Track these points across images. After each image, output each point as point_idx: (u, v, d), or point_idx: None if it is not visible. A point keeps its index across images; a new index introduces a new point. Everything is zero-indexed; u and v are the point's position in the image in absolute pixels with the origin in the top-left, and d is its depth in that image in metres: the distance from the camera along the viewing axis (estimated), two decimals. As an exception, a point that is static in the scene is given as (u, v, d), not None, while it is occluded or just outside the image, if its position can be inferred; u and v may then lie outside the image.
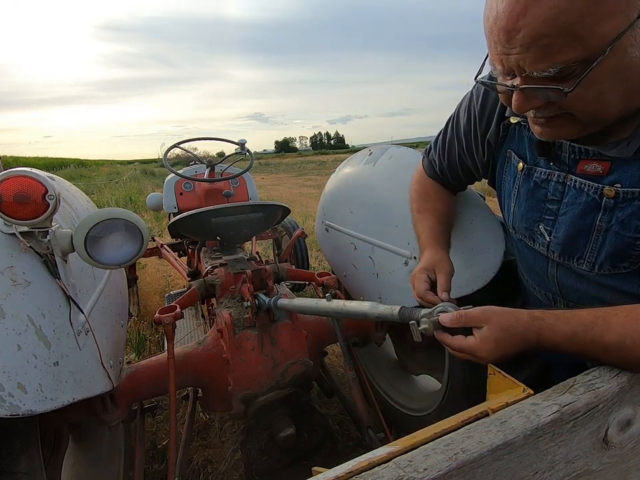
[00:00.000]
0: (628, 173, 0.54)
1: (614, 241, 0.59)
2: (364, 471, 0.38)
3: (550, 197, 0.66)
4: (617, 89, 0.46)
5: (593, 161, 0.58)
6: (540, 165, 0.67)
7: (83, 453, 1.20)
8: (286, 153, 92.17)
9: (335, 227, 1.50)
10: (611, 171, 0.56)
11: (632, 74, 0.45)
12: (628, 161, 0.54)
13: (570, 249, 0.66)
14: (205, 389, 1.25)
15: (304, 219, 6.08)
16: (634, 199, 0.54)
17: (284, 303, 1.13)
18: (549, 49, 0.43)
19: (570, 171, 0.62)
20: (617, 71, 0.44)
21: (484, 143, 0.77)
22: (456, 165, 0.88)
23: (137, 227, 0.83)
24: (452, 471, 0.38)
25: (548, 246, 0.69)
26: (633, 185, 0.54)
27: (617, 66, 0.44)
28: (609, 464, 0.46)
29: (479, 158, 0.82)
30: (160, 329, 2.41)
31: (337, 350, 2.16)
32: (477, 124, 0.76)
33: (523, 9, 0.42)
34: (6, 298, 0.69)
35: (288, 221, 2.93)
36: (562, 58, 0.43)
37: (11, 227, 0.76)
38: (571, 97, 0.46)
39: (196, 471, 1.48)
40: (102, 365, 0.87)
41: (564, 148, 0.62)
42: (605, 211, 0.58)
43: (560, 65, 0.44)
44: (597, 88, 0.46)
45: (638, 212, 0.55)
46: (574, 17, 0.40)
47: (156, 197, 2.88)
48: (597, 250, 0.62)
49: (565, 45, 0.42)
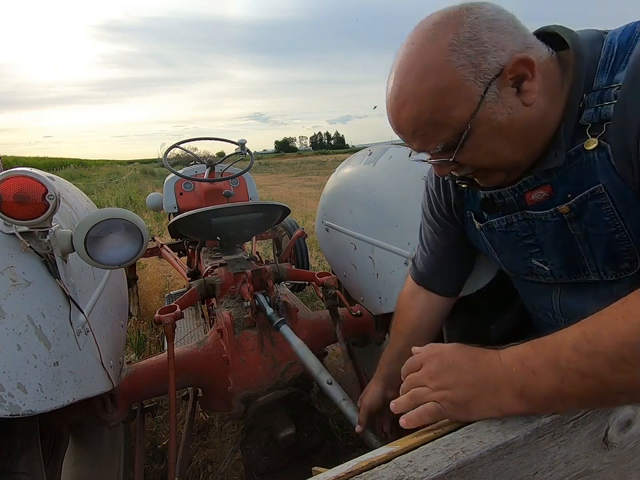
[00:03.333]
0: (570, 182, 0.57)
1: (598, 242, 0.60)
2: (364, 471, 0.38)
3: (523, 235, 0.67)
4: (503, 145, 0.54)
5: (535, 190, 0.61)
6: (494, 217, 0.70)
7: (83, 453, 1.20)
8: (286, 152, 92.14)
9: (335, 227, 1.50)
10: (556, 190, 0.59)
11: (509, 131, 0.52)
12: (564, 173, 0.57)
13: (572, 267, 0.66)
14: (205, 389, 1.25)
15: (304, 218, 6.08)
16: (586, 201, 0.56)
17: (286, 332, 1.14)
18: (427, 137, 0.55)
19: (522, 208, 0.64)
20: (491, 135, 0.52)
21: (452, 211, 0.79)
22: (439, 248, 0.87)
23: (137, 226, 0.83)
24: (452, 471, 0.38)
25: (552, 274, 0.69)
26: (579, 190, 0.56)
27: (489, 131, 0.52)
28: (609, 464, 0.46)
29: (454, 228, 0.82)
30: (160, 329, 2.41)
31: (337, 350, 2.16)
32: (438, 199, 0.80)
33: (397, 113, 0.55)
34: (6, 298, 0.69)
35: (288, 221, 2.93)
36: (439, 139, 0.54)
37: (10, 227, 0.76)
38: (466, 160, 0.56)
39: (196, 470, 1.47)
40: (102, 364, 0.87)
41: (504, 194, 0.64)
42: (571, 222, 0.60)
43: (441, 144, 0.54)
44: (483, 149, 0.54)
45: (597, 209, 0.56)
46: (430, 114, 0.52)
47: (156, 197, 2.88)
48: (592, 256, 0.62)
49: (436, 131, 0.54)
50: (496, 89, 0.50)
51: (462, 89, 0.49)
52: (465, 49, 0.49)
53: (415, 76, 0.51)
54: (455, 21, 0.50)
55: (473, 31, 0.48)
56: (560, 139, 0.54)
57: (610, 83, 0.50)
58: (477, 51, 0.49)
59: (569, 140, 0.54)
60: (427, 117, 0.52)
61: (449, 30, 0.49)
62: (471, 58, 0.49)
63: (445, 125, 0.52)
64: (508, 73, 0.49)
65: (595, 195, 0.55)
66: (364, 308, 1.38)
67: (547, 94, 0.53)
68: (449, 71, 0.49)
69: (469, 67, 0.49)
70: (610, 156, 0.52)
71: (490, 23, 0.49)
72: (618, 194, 0.54)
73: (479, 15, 0.49)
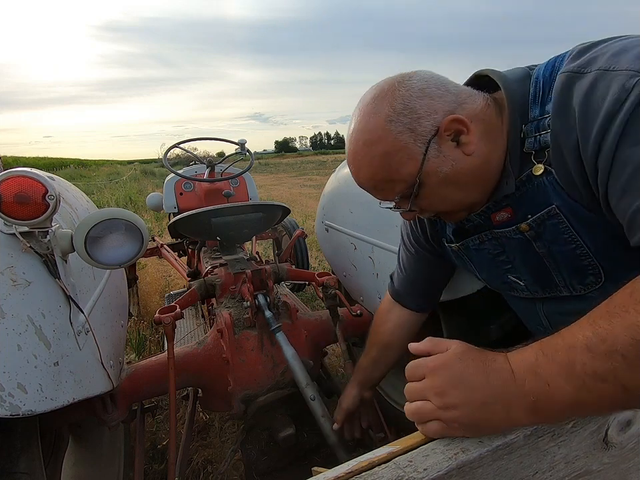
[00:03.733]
0: (527, 204, 0.61)
1: (562, 259, 0.62)
2: (364, 471, 0.38)
3: (495, 253, 0.71)
4: (454, 191, 0.60)
5: (499, 212, 0.65)
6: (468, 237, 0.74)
7: (83, 453, 1.20)
8: (286, 153, 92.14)
9: (335, 227, 1.50)
10: (516, 212, 0.63)
11: (457, 179, 0.59)
12: (519, 197, 0.61)
13: (543, 281, 0.68)
14: (205, 389, 1.25)
15: (304, 218, 6.09)
16: (544, 220, 0.59)
17: (281, 339, 1.16)
18: (385, 191, 0.62)
19: (490, 228, 0.68)
20: (441, 184, 0.59)
21: (429, 241, 0.84)
22: (413, 271, 0.92)
23: (137, 227, 0.83)
24: (452, 471, 0.38)
25: (528, 289, 0.72)
26: (536, 211, 0.60)
27: (438, 182, 0.58)
28: (608, 464, 0.46)
29: (430, 256, 0.87)
30: (160, 329, 2.41)
31: (337, 350, 2.16)
32: (416, 231, 0.86)
33: (357, 174, 0.63)
34: (6, 298, 0.69)
35: (288, 221, 2.93)
36: (396, 191, 0.61)
37: (11, 227, 0.76)
38: (424, 206, 0.63)
39: (196, 470, 1.48)
40: (102, 364, 0.87)
41: (471, 218, 0.69)
42: (535, 240, 0.63)
43: (398, 195, 0.61)
44: (437, 196, 0.61)
45: (555, 229, 0.59)
46: (382, 174, 0.59)
47: (156, 197, 2.88)
48: (560, 273, 0.64)
49: (391, 186, 0.61)
50: (436, 146, 0.56)
51: (405, 150, 0.57)
52: (401, 118, 0.56)
53: (364, 144, 0.59)
54: (389, 96, 0.57)
55: (405, 102, 0.56)
56: (507, 169, 0.59)
57: (542, 114, 0.55)
58: (411, 119, 0.56)
59: (517, 169, 0.59)
60: (380, 176, 0.60)
61: (385, 104, 0.57)
62: (407, 125, 0.56)
63: (398, 180, 0.59)
64: (444, 132, 0.56)
65: (551, 215, 0.58)
66: (364, 308, 1.38)
67: (487, 137, 0.58)
68: (390, 139, 0.56)
69: (407, 132, 0.56)
70: (557, 179, 0.56)
71: (420, 92, 0.56)
72: (572, 213, 0.57)
73: (409, 87, 0.56)
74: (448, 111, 0.56)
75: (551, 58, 0.57)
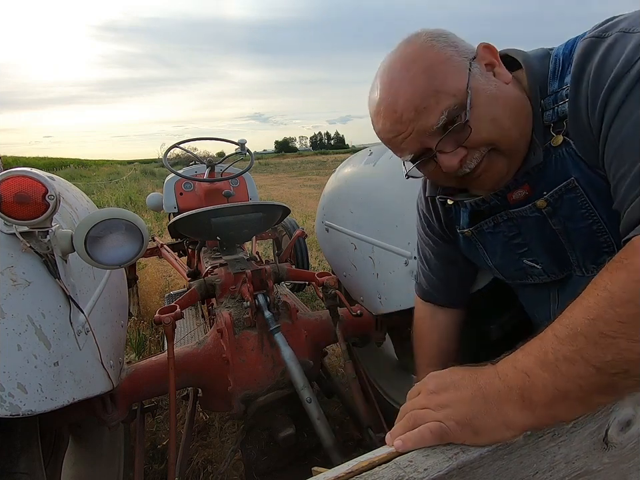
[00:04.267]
0: (546, 179, 0.60)
1: (577, 236, 0.62)
2: (364, 471, 0.38)
3: (510, 235, 0.70)
4: (503, 114, 0.56)
5: (516, 190, 0.64)
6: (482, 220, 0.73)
7: (83, 452, 1.20)
8: (286, 152, 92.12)
9: (335, 227, 1.50)
10: (534, 188, 0.62)
11: (504, 101, 0.57)
12: (539, 171, 0.61)
13: (560, 262, 0.68)
14: (205, 389, 1.25)
15: (304, 219, 6.09)
16: (562, 195, 0.59)
17: (279, 340, 1.16)
18: (428, 110, 0.55)
19: (506, 208, 0.67)
20: (490, 104, 0.55)
21: (444, 229, 0.82)
22: (439, 265, 0.89)
23: (137, 226, 0.83)
24: (452, 471, 0.38)
25: (545, 272, 0.71)
26: (554, 185, 0.59)
27: (487, 100, 0.55)
28: (609, 464, 0.46)
29: (450, 245, 0.85)
30: (160, 329, 2.41)
31: (337, 350, 2.16)
32: (430, 219, 0.84)
33: (394, 102, 0.56)
34: (6, 298, 0.69)
35: (288, 221, 2.93)
36: (441, 107, 0.54)
37: (11, 227, 0.76)
38: (475, 128, 0.55)
39: (196, 470, 1.48)
40: (102, 364, 0.87)
41: (487, 199, 0.67)
42: (551, 217, 0.63)
43: (445, 111, 0.54)
44: (488, 117, 0.56)
45: (573, 203, 0.59)
46: (426, 86, 0.54)
47: (156, 197, 2.88)
48: (574, 252, 0.64)
49: (436, 101, 0.54)
50: (478, 66, 0.56)
51: (450, 61, 0.54)
52: (441, 39, 0.56)
53: (402, 67, 0.56)
54: (423, 32, 0.58)
55: (439, 32, 0.57)
56: (534, 140, 0.59)
57: (561, 86, 0.56)
58: (451, 40, 0.56)
59: (541, 140, 0.59)
60: (424, 91, 0.54)
61: (420, 37, 0.57)
62: (448, 42, 0.56)
63: (445, 92, 0.54)
64: (481, 58, 0.56)
65: (569, 189, 0.58)
66: (364, 308, 1.38)
67: (517, 89, 0.59)
68: (434, 52, 0.55)
69: (450, 47, 0.55)
70: (575, 150, 0.56)
71: (450, 36, 0.58)
72: (590, 185, 0.57)
73: (434, 31, 0.58)
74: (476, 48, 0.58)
75: (570, 39, 0.57)
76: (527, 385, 0.41)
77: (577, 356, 0.39)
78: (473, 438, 0.41)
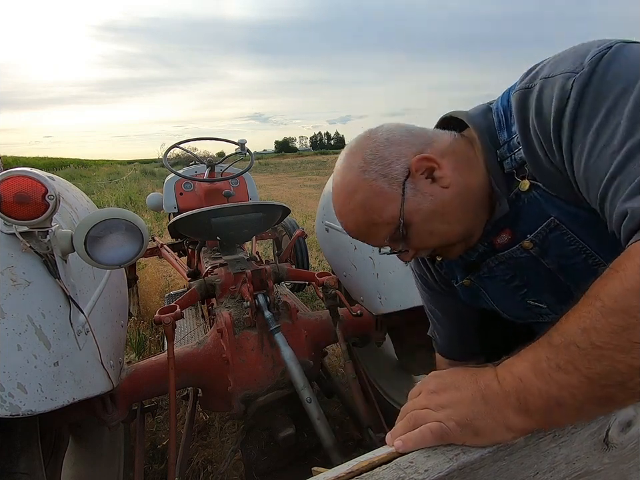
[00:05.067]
0: (525, 222, 0.61)
1: (574, 272, 0.61)
2: (364, 472, 0.38)
3: (507, 279, 0.70)
4: (441, 224, 0.61)
5: (498, 235, 0.65)
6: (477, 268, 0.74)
7: (83, 452, 1.20)
8: (286, 152, 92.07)
9: (335, 227, 1.50)
10: (515, 231, 0.63)
11: (440, 213, 0.60)
12: (515, 216, 0.61)
13: (565, 299, 0.66)
14: (205, 389, 1.25)
15: (304, 219, 6.09)
16: (546, 235, 0.59)
17: (280, 341, 1.16)
18: (373, 235, 0.64)
19: (494, 252, 0.68)
20: (426, 220, 0.60)
21: (441, 284, 0.83)
22: (447, 320, 0.88)
23: (137, 226, 0.83)
24: (453, 472, 0.38)
25: (552, 311, 0.70)
26: (536, 227, 0.60)
27: (423, 218, 0.60)
28: (609, 464, 0.46)
29: (452, 298, 0.84)
30: (160, 329, 2.41)
31: (337, 350, 2.16)
32: (426, 277, 0.85)
33: (345, 225, 0.66)
34: (6, 298, 0.69)
35: (288, 221, 2.93)
36: (383, 235, 0.62)
37: (11, 227, 0.76)
38: (416, 245, 0.63)
39: (196, 470, 1.48)
40: (102, 365, 0.87)
41: (475, 248, 0.68)
42: (542, 257, 0.62)
43: (386, 238, 0.63)
44: (425, 232, 0.61)
45: (560, 241, 0.58)
46: (365, 219, 0.61)
47: (156, 197, 2.88)
48: (577, 287, 0.63)
49: (377, 230, 0.62)
50: (412, 186, 0.59)
51: (382, 194, 0.60)
52: (372, 166, 0.60)
53: (345, 197, 0.63)
54: (359, 150, 0.62)
55: (374, 153, 0.60)
56: (496, 191, 0.61)
57: (510, 136, 0.58)
58: (382, 165, 0.59)
59: (504, 189, 0.60)
60: (364, 222, 0.62)
61: (357, 158, 0.61)
62: (379, 172, 0.59)
63: (381, 223, 0.61)
64: (416, 172, 0.59)
65: (552, 228, 0.58)
66: (364, 308, 1.38)
67: (462, 166, 0.61)
68: (367, 186, 0.60)
69: (381, 178, 0.59)
70: (547, 190, 0.56)
71: (386, 141, 0.61)
72: (573, 221, 0.56)
73: (375, 139, 0.61)
74: (416, 152, 0.60)
75: (505, 90, 0.62)
76: (522, 391, 0.41)
77: (570, 366, 0.38)
78: (473, 439, 0.42)
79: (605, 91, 0.45)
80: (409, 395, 0.53)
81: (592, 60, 0.47)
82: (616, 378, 0.36)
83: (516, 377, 0.42)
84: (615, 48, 0.47)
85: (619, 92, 0.45)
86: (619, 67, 0.46)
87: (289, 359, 1.13)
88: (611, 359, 0.36)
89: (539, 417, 0.41)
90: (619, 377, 0.36)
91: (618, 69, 0.46)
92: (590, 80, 0.46)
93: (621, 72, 0.45)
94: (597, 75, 0.46)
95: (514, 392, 0.42)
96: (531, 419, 0.41)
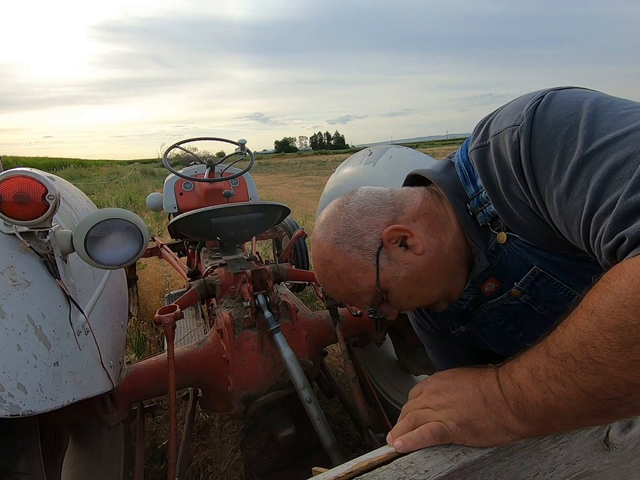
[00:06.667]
0: (510, 271, 0.61)
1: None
2: (364, 472, 0.38)
3: (500, 324, 0.70)
4: (419, 289, 0.62)
5: (486, 282, 0.65)
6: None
7: (83, 452, 1.20)
8: (286, 153, 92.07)
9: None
10: (502, 280, 0.63)
11: (417, 279, 0.60)
12: (498, 266, 0.61)
13: None
14: (205, 389, 1.25)
15: (304, 219, 6.09)
16: (533, 283, 0.59)
17: (279, 341, 1.16)
18: (355, 302, 0.65)
19: (485, 300, 0.68)
20: (404, 287, 0.61)
21: (439, 328, 0.83)
22: (452, 354, 0.88)
23: (137, 227, 0.83)
24: (453, 473, 0.38)
25: None
26: (521, 275, 0.60)
27: (400, 285, 0.60)
28: (609, 465, 0.46)
29: (449, 336, 0.85)
30: (160, 329, 2.41)
31: (337, 350, 2.16)
32: (423, 323, 0.86)
33: (328, 291, 0.67)
34: (6, 298, 0.69)
35: (288, 221, 2.93)
36: (364, 302, 0.64)
37: (10, 227, 0.76)
38: (397, 307, 0.65)
39: (196, 470, 1.48)
40: (102, 365, 0.87)
41: (465, 297, 0.68)
42: (534, 304, 0.62)
43: (368, 304, 0.65)
44: (404, 297, 0.62)
45: (547, 288, 0.58)
46: (345, 289, 0.63)
47: (156, 197, 2.88)
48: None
49: (358, 298, 0.64)
50: (385, 256, 0.60)
51: (356, 266, 0.60)
52: (345, 239, 0.61)
53: (322, 266, 0.64)
54: (333, 221, 0.63)
55: (347, 225, 0.61)
56: (473, 246, 0.61)
57: (477, 190, 0.59)
58: (355, 237, 0.60)
59: (482, 243, 0.61)
60: (344, 291, 0.64)
61: (331, 229, 0.62)
62: (353, 244, 0.60)
63: (360, 292, 0.62)
64: (388, 242, 0.59)
65: (537, 277, 0.58)
66: (364, 308, 1.38)
67: (434, 228, 0.61)
68: (341, 259, 0.61)
69: (355, 250, 0.60)
70: (526, 241, 0.56)
71: (359, 212, 0.62)
72: (556, 268, 0.56)
73: (348, 210, 0.62)
74: (388, 222, 0.61)
75: (463, 144, 0.64)
76: (520, 398, 0.41)
77: (567, 378, 0.38)
78: (473, 439, 0.42)
79: (551, 136, 0.47)
80: (409, 394, 0.54)
81: (528, 110, 0.49)
82: (613, 393, 0.36)
83: (515, 384, 0.42)
84: (546, 96, 0.50)
85: (564, 134, 0.46)
86: (555, 111, 0.48)
87: (289, 359, 1.13)
88: (607, 375, 0.36)
89: (537, 425, 0.41)
90: (616, 391, 0.36)
91: (555, 114, 0.48)
92: (531, 129, 0.49)
93: (559, 116, 0.48)
94: (536, 122, 0.48)
95: (512, 398, 0.42)
96: (530, 425, 0.41)
